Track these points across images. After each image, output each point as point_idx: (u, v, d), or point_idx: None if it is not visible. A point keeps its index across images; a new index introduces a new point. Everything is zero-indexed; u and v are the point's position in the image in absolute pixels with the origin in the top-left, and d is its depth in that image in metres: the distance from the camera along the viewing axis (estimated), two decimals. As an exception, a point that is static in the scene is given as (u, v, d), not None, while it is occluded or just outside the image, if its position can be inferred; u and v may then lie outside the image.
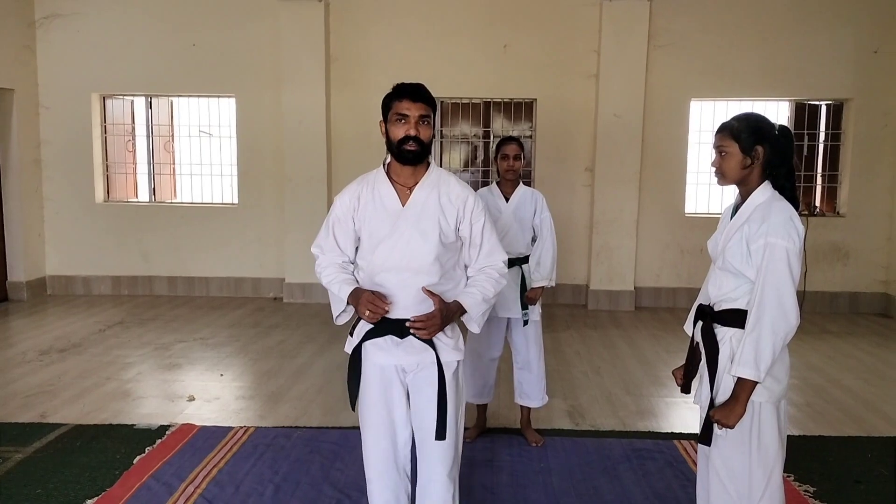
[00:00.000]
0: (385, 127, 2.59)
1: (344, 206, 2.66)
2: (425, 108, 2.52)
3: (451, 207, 2.58)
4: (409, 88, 2.54)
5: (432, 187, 2.59)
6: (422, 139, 2.51)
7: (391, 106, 2.55)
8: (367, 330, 2.57)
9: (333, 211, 2.69)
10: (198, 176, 8.66)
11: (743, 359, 2.27)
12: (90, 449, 4.02)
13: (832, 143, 8.06)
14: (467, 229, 2.61)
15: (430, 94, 2.57)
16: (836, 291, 7.95)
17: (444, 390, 2.54)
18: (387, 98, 2.58)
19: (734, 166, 2.43)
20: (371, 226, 2.58)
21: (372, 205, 2.59)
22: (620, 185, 7.87)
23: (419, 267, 2.52)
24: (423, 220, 2.53)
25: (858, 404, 4.94)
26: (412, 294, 2.51)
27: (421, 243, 2.52)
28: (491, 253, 2.66)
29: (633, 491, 3.61)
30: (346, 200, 2.66)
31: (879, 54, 7.73)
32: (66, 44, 8.13)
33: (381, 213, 2.57)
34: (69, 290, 8.41)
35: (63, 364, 5.64)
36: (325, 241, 2.71)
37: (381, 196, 2.59)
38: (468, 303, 2.58)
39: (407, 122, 2.50)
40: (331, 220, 2.69)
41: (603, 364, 5.84)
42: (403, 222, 2.53)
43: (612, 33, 7.73)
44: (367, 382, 2.62)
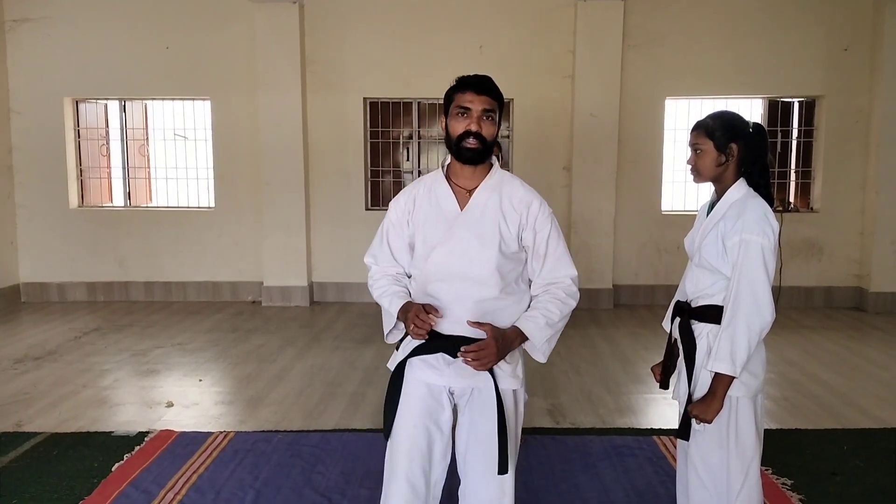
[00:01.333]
0: (445, 122, 2.36)
1: (399, 209, 2.44)
2: (490, 102, 2.30)
3: (513, 213, 2.35)
4: (474, 80, 2.31)
5: (493, 190, 2.37)
6: (484, 136, 2.29)
7: (453, 98, 2.33)
8: (416, 346, 2.32)
9: (388, 216, 2.48)
10: (173, 180, 8.59)
11: (719, 354, 2.30)
12: (67, 457, 3.97)
13: (805, 139, 8.17)
14: (531, 237, 2.37)
15: (496, 87, 2.34)
16: (810, 286, 8.05)
17: (503, 421, 2.27)
18: (449, 91, 2.35)
19: (709, 164, 2.45)
20: (426, 230, 2.37)
21: (428, 207, 2.38)
22: (598, 185, 7.91)
23: (477, 276, 2.28)
24: (483, 225, 2.32)
25: (834, 397, 5.00)
26: (469, 307, 2.28)
27: (479, 250, 2.29)
28: (557, 266, 2.39)
29: (614, 488, 3.63)
30: (401, 204, 2.45)
31: (850, 52, 7.84)
32: (36, 48, 8.02)
33: (436, 216, 2.36)
34: (44, 298, 8.30)
35: (38, 372, 5.56)
36: (378, 251, 2.50)
37: (438, 198, 2.38)
38: (529, 328, 2.30)
39: (469, 116, 2.28)
40: (385, 227, 2.49)
41: (582, 362, 5.87)
42: (460, 226, 2.31)
43: (587, 33, 7.77)
44: (408, 403, 2.33)
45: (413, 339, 2.30)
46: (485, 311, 2.28)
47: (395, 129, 8.33)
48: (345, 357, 5.98)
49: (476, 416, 2.32)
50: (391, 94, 8.16)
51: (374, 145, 8.32)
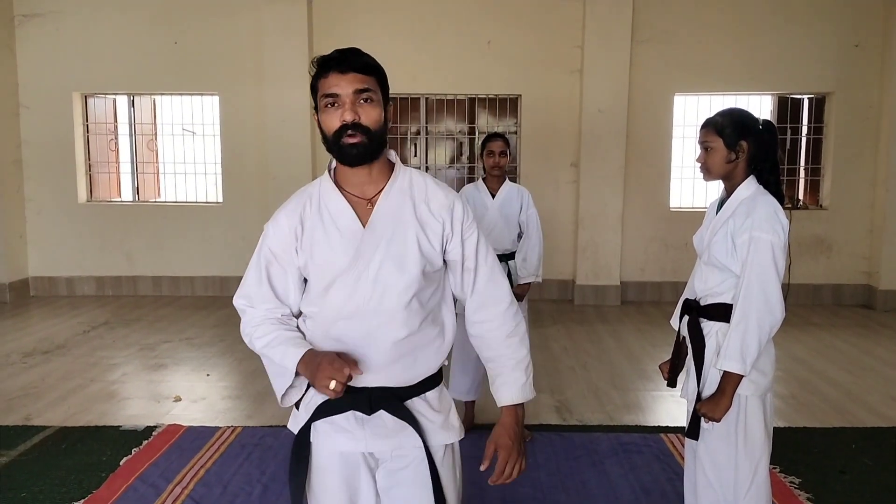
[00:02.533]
0: (318, 119, 1.81)
1: (281, 235, 1.86)
2: (363, 80, 1.75)
3: (433, 220, 1.84)
4: (336, 57, 1.76)
5: (402, 194, 1.85)
6: (366, 124, 1.74)
7: (317, 87, 1.78)
8: (321, 403, 1.83)
9: (266, 244, 1.90)
10: (181, 175, 8.61)
11: (729, 352, 2.29)
12: (76, 451, 3.99)
13: (815, 136, 8.13)
14: (457, 249, 1.87)
15: (368, 58, 1.81)
16: (819, 284, 8.02)
17: (440, 491, 1.86)
18: (313, 79, 1.80)
19: (719, 161, 2.44)
20: (322, 257, 1.82)
21: (320, 227, 1.82)
22: (605, 181, 7.89)
23: (393, 309, 1.78)
24: (396, 241, 1.79)
25: (843, 395, 4.98)
26: (384, 349, 1.80)
27: (396, 275, 1.78)
28: (492, 283, 1.91)
29: (621, 485, 3.62)
30: (283, 227, 1.86)
31: (860, 48, 7.79)
32: (46, 43, 8.05)
33: (333, 238, 1.81)
34: (52, 292, 8.34)
35: (47, 366, 5.59)
36: (255, 291, 1.93)
37: (332, 214, 1.83)
38: (517, 395, 1.90)
39: (339, 103, 1.74)
40: (262, 260, 1.91)
41: (589, 359, 5.86)
42: (368, 247, 1.78)
43: (595, 29, 7.74)
44: (321, 477, 1.88)
45: (317, 395, 1.83)
46: (404, 351, 1.81)
47: (403, 124, 8.32)
48: (352, 352, 5.98)
49: (404, 488, 1.86)
50: (398, 90, 8.14)
51: (382, 141, 8.31)
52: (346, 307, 1.79)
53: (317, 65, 1.78)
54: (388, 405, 1.83)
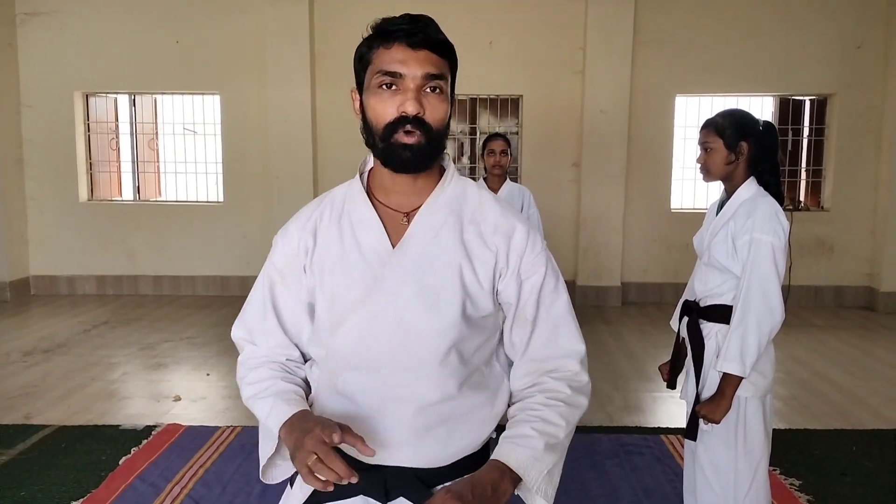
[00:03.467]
0: (361, 100, 1.41)
1: (289, 249, 1.47)
2: (437, 63, 1.37)
3: (483, 248, 1.40)
4: (407, 25, 1.38)
5: (449, 211, 1.42)
6: (430, 123, 1.35)
7: (370, 60, 1.38)
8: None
9: (271, 261, 1.50)
10: (182, 174, 8.61)
11: (729, 354, 2.28)
12: (75, 450, 3.98)
13: (816, 137, 8.12)
14: (513, 289, 1.42)
15: (444, 36, 1.43)
16: (820, 285, 8.00)
17: None
18: (363, 47, 1.42)
19: (719, 162, 2.44)
20: (334, 282, 1.40)
21: (338, 243, 1.42)
22: (607, 181, 7.88)
23: (421, 361, 1.35)
24: (432, 271, 1.37)
25: (844, 397, 4.97)
26: (406, 417, 1.35)
27: (425, 316, 1.35)
28: (555, 339, 1.46)
29: (621, 486, 3.61)
30: (293, 239, 1.47)
31: (862, 49, 7.77)
32: (47, 41, 8.05)
33: (351, 258, 1.40)
34: (53, 290, 8.34)
35: (47, 365, 5.59)
36: (258, 320, 1.51)
37: (355, 227, 1.42)
38: (520, 459, 1.31)
39: (400, 87, 1.34)
40: (266, 281, 1.50)
41: (590, 359, 5.78)
42: (394, 276, 1.36)
43: (597, 30, 7.73)
44: None
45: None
46: (435, 421, 1.36)
47: (405, 124, 8.30)
48: (352, 352, 5.98)
49: None
50: (400, 90, 8.14)
51: (383, 141, 8.31)
52: (357, 354, 1.36)
53: (375, 30, 1.39)
54: (410, 492, 1.35)
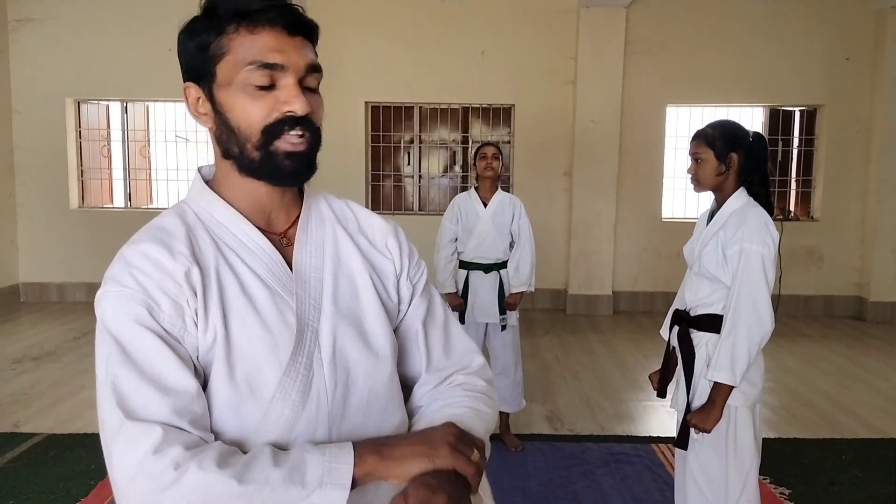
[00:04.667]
0: (214, 98, 1.15)
1: (159, 282, 1.06)
2: (312, 51, 1.20)
3: (381, 258, 1.26)
4: (274, 4, 1.11)
5: (332, 225, 1.25)
6: (315, 122, 1.17)
7: (226, 48, 1.10)
8: None
9: (123, 315, 1.06)
10: (174, 181, 8.58)
11: (719, 363, 2.29)
12: (64, 459, 3.96)
13: (806, 148, 8.18)
14: (407, 290, 1.27)
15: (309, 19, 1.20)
16: (810, 295, 8.05)
17: None
18: (206, 30, 1.11)
19: (709, 173, 2.45)
20: (247, 335, 1.08)
21: (233, 281, 1.10)
22: (598, 191, 7.92)
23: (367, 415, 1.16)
24: (354, 301, 1.19)
25: (833, 407, 5.00)
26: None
27: (362, 351, 1.16)
28: (451, 339, 1.29)
29: (612, 495, 3.62)
30: (162, 267, 1.07)
31: (851, 61, 7.85)
32: (39, 48, 8.03)
33: (261, 301, 1.11)
34: (43, 298, 8.30)
35: (37, 373, 5.56)
36: (142, 402, 1.02)
37: (245, 261, 1.13)
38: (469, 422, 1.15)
39: (279, 83, 1.12)
40: (140, 350, 1.04)
41: (581, 368, 5.86)
42: (308, 309, 1.13)
43: (589, 40, 7.78)
44: None
45: None
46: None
47: (397, 133, 8.33)
48: (343, 361, 5.97)
49: None
50: (393, 99, 8.17)
51: (375, 149, 8.33)
52: (294, 422, 1.08)
53: (225, 8, 1.09)
54: None
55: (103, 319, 1.06)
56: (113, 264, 1.09)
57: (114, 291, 1.06)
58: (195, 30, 1.12)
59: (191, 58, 1.13)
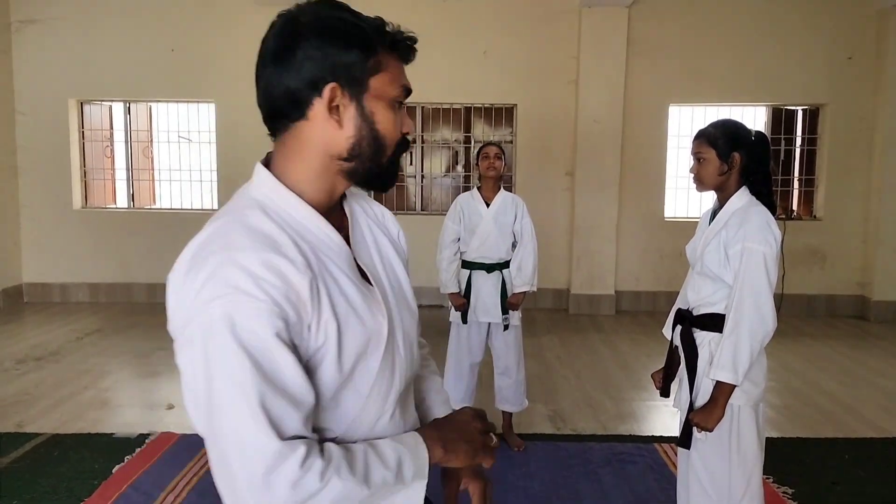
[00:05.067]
0: (362, 105, 1.24)
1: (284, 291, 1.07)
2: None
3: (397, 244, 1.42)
4: (414, 46, 1.34)
5: (363, 218, 1.40)
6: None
7: (384, 65, 1.26)
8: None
9: (259, 326, 1.05)
10: (177, 182, 8.60)
11: (721, 363, 2.29)
12: (68, 459, 3.97)
13: (808, 147, 8.17)
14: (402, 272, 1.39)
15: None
16: (813, 294, 8.04)
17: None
18: (364, 39, 1.23)
19: (711, 172, 2.45)
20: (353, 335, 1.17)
21: (334, 284, 1.17)
22: (600, 190, 7.91)
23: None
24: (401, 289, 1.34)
25: (836, 406, 4.99)
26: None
27: (414, 327, 1.35)
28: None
29: (614, 494, 3.62)
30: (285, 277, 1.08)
31: (854, 60, 7.84)
32: (42, 49, 8.05)
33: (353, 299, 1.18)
34: (46, 298, 8.31)
35: (40, 373, 5.57)
36: (290, 417, 1.07)
37: (333, 256, 1.19)
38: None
39: (403, 108, 1.33)
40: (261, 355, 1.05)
41: (584, 368, 5.86)
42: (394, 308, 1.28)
43: (591, 40, 7.78)
44: None
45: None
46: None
47: (399, 133, 8.32)
48: (346, 361, 5.97)
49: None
50: (395, 99, 8.16)
51: (378, 149, 8.32)
52: (383, 408, 1.22)
53: (393, 36, 1.29)
54: None
55: (235, 331, 1.03)
56: (222, 270, 1.08)
57: (245, 302, 1.04)
58: (350, 39, 1.19)
59: (341, 62, 1.18)
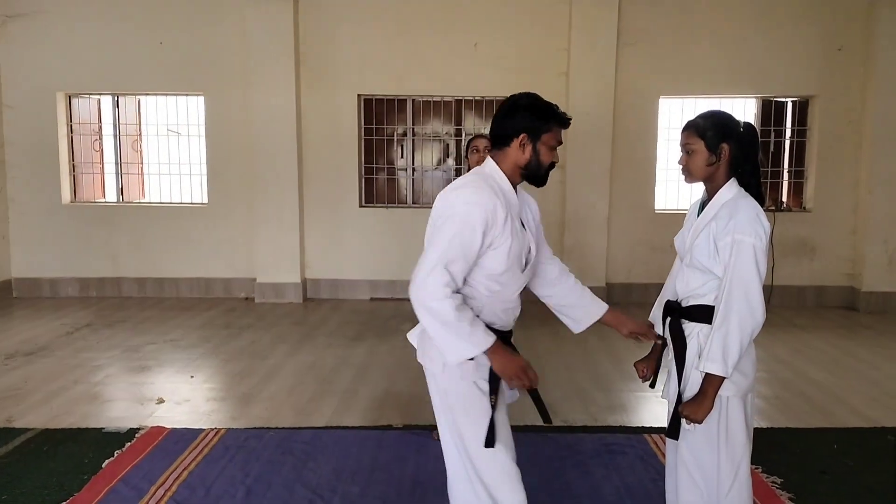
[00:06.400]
0: (532, 145, 2.44)
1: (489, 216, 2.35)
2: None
3: (538, 215, 2.76)
4: (567, 119, 2.52)
5: (523, 197, 2.65)
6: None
7: (549, 129, 2.45)
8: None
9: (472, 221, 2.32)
10: (166, 175, 8.57)
11: (711, 354, 2.30)
12: (58, 453, 3.96)
13: (798, 139, 8.19)
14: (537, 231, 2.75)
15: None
16: (803, 285, 8.08)
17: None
18: (541, 116, 2.43)
19: (700, 164, 2.45)
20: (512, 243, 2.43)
21: (509, 219, 2.39)
22: (591, 183, 7.92)
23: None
24: (536, 231, 2.71)
25: (825, 396, 5.02)
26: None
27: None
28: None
29: (604, 485, 3.64)
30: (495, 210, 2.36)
31: (843, 52, 7.86)
32: (29, 42, 7.99)
33: (517, 229, 2.45)
34: (35, 293, 8.27)
35: (30, 367, 5.55)
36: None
37: (516, 209, 2.51)
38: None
39: (556, 150, 2.51)
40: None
41: (574, 360, 5.87)
42: (534, 239, 2.65)
43: (581, 32, 7.77)
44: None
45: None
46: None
47: (390, 125, 8.32)
48: (337, 354, 5.97)
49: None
50: (385, 91, 8.15)
51: (368, 142, 8.31)
52: (517, 289, 2.64)
53: (555, 114, 2.49)
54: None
55: (463, 213, 2.30)
56: (474, 195, 2.34)
57: (475, 202, 2.31)
58: (542, 117, 2.46)
59: (532, 125, 2.45)
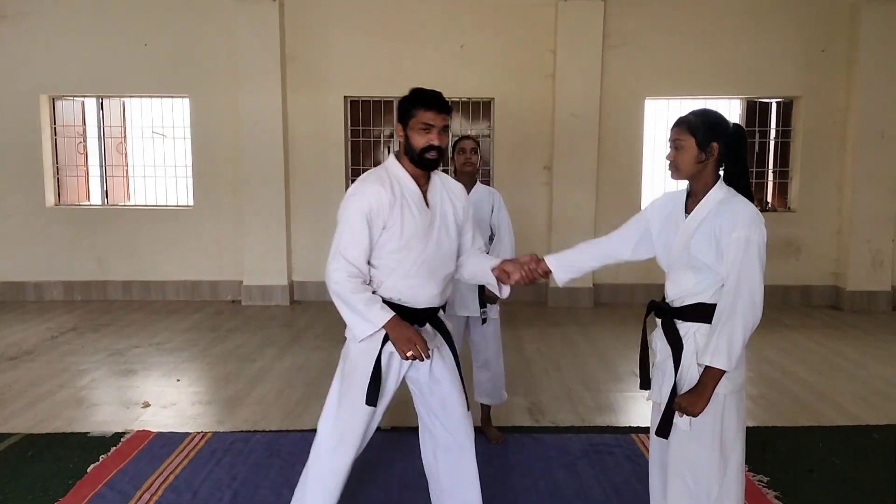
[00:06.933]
0: (405, 132, 2.65)
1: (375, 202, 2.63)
2: (447, 119, 2.66)
3: (459, 208, 2.90)
4: (435, 100, 2.63)
5: (440, 186, 2.82)
6: (443, 148, 2.66)
7: (414, 114, 2.62)
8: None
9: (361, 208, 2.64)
10: (151, 178, 8.51)
11: (717, 349, 2.29)
12: (43, 458, 3.92)
13: (782, 139, 8.25)
14: (463, 226, 2.97)
15: (448, 103, 2.70)
16: (788, 285, 8.12)
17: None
18: (407, 104, 2.65)
19: (689, 161, 2.44)
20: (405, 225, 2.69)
21: (399, 206, 2.65)
22: (578, 184, 7.94)
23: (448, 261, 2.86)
24: (447, 221, 2.82)
25: (811, 395, 5.05)
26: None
27: (449, 244, 2.83)
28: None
29: (592, 485, 3.64)
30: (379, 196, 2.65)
31: (827, 53, 7.92)
32: (12, 44, 7.92)
33: (413, 213, 2.68)
34: (20, 297, 8.19)
35: (14, 372, 5.49)
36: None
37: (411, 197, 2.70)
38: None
39: (430, 132, 2.62)
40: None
41: (562, 360, 5.88)
42: (435, 223, 2.77)
43: (567, 33, 7.79)
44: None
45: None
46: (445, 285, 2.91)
47: (377, 127, 8.31)
48: (325, 357, 5.94)
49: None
50: (372, 93, 8.14)
51: (355, 144, 8.30)
52: (419, 269, 2.77)
53: (417, 97, 2.68)
54: (432, 320, 2.85)
55: (348, 204, 2.63)
56: (360, 187, 2.66)
57: (357, 193, 2.63)
58: (408, 103, 2.68)
59: (401, 113, 2.69)
